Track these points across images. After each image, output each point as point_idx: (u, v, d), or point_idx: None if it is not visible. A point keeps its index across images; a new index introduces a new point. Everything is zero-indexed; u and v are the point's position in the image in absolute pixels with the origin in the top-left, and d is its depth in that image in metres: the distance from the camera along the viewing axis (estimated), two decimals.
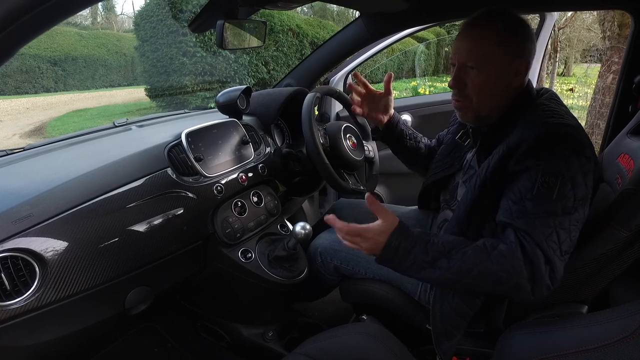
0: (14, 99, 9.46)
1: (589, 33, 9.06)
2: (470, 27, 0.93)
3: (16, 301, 0.80)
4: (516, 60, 0.91)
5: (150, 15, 7.37)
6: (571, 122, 0.85)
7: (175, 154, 1.12)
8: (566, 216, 0.80)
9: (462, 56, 0.93)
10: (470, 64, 0.92)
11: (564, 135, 0.82)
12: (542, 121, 0.86)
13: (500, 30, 0.90)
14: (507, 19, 0.92)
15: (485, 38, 0.91)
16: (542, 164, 0.81)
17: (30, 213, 0.85)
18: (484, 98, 0.94)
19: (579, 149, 0.81)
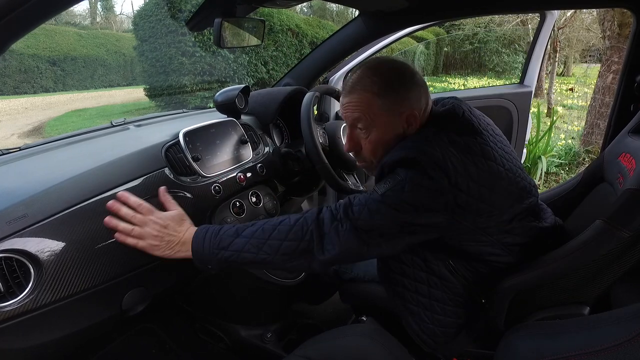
0: (12, 99, 9.47)
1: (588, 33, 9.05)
2: (349, 89, 0.93)
3: (10, 303, 0.79)
4: (403, 114, 0.90)
5: (149, 15, 7.37)
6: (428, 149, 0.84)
7: (172, 154, 1.11)
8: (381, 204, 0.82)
9: (349, 119, 0.94)
10: (359, 125, 0.93)
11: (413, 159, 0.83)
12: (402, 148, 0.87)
13: (379, 89, 0.90)
14: (382, 74, 0.91)
15: (365, 99, 0.91)
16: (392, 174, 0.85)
17: (25, 213, 0.83)
18: (382, 155, 0.93)
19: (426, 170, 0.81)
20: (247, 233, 0.87)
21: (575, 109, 7.36)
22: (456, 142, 0.87)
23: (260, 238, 0.86)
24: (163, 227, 0.90)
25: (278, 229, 0.86)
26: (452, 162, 0.83)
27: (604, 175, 1.14)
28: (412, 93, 0.91)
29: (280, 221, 0.87)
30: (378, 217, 0.82)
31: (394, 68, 0.92)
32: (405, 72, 0.92)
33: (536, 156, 3.65)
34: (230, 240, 0.87)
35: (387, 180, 0.84)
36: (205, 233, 0.89)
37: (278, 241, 0.85)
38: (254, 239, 0.86)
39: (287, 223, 0.87)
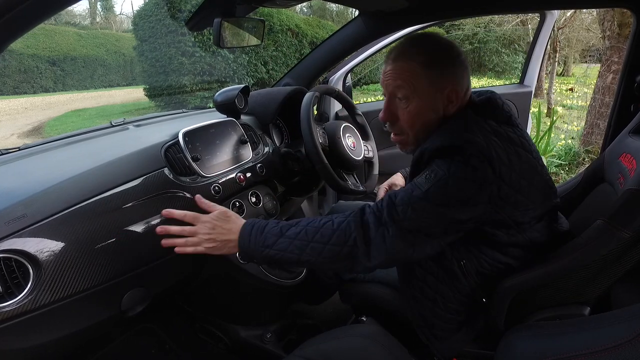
0: (12, 99, 9.47)
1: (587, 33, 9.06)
2: (396, 56, 0.91)
3: (9, 303, 0.78)
4: (445, 89, 0.89)
5: (149, 15, 7.38)
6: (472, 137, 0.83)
7: (172, 154, 1.11)
8: (427, 202, 0.80)
9: (390, 87, 0.92)
10: (399, 95, 0.91)
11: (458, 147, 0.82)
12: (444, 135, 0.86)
13: (426, 59, 0.88)
14: (432, 46, 0.90)
15: (411, 68, 0.88)
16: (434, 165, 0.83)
17: (24, 214, 0.83)
18: (417, 129, 0.92)
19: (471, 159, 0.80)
20: (290, 233, 0.87)
21: (575, 109, 7.36)
22: (498, 130, 0.87)
23: (303, 240, 0.85)
24: (212, 229, 0.91)
25: (321, 232, 0.85)
26: (496, 151, 0.82)
27: (604, 175, 1.14)
28: (456, 70, 0.90)
29: (323, 223, 0.86)
30: (424, 216, 0.80)
31: (441, 43, 0.91)
32: (452, 49, 0.90)
33: None
34: (275, 240, 0.87)
35: (428, 174, 0.82)
36: (251, 229, 0.89)
37: (321, 244, 0.84)
38: (298, 241, 0.85)
39: (330, 226, 0.85)
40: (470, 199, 0.80)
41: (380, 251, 0.82)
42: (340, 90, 1.48)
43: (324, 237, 0.84)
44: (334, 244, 0.83)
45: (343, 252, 0.83)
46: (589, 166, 1.24)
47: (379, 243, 0.81)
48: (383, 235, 0.81)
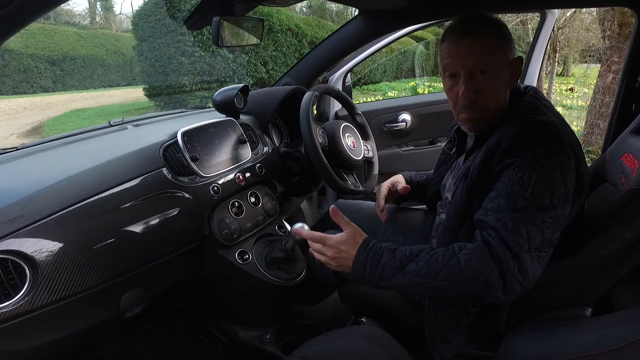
0: (11, 99, 9.45)
1: (587, 33, 9.06)
2: (466, 33, 0.90)
3: (5, 305, 0.78)
4: (511, 63, 0.91)
5: (148, 14, 7.37)
6: (549, 119, 0.84)
7: (170, 154, 1.10)
8: (539, 213, 0.78)
9: (469, 62, 0.89)
10: (481, 69, 0.89)
11: (540, 132, 0.82)
12: (521, 120, 0.86)
13: (497, 33, 0.90)
14: (496, 22, 0.91)
15: (488, 42, 0.89)
16: (518, 161, 0.80)
17: (20, 214, 0.82)
18: (498, 102, 0.92)
19: (557, 146, 0.80)
20: (411, 269, 0.82)
21: (575, 109, 7.36)
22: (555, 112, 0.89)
23: (426, 277, 0.81)
24: (338, 253, 0.89)
25: (446, 270, 0.80)
26: (572, 135, 0.83)
27: (606, 175, 1.13)
28: (514, 46, 0.92)
29: (447, 260, 0.80)
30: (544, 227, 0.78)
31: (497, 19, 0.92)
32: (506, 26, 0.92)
33: None
34: (393, 274, 0.83)
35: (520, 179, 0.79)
36: (366, 259, 0.86)
37: (447, 283, 0.79)
38: (419, 277, 0.81)
39: (456, 265, 0.79)
40: (569, 188, 0.81)
41: (520, 284, 0.78)
42: (340, 90, 1.47)
43: (450, 276, 0.79)
44: (462, 283, 0.79)
45: (472, 290, 0.79)
46: (591, 166, 1.23)
47: (517, 277, 0.77)
48: (519, 269, 0.77)
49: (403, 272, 0.82)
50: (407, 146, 2.11)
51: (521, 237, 0.78)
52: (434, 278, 0.80)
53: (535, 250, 0.78)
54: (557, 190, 0.79)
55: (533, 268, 0.78)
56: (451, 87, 0.94)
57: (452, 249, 0.82)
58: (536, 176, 0.78)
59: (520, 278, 0.77)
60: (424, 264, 0.82)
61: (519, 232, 0.78)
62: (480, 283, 0.78)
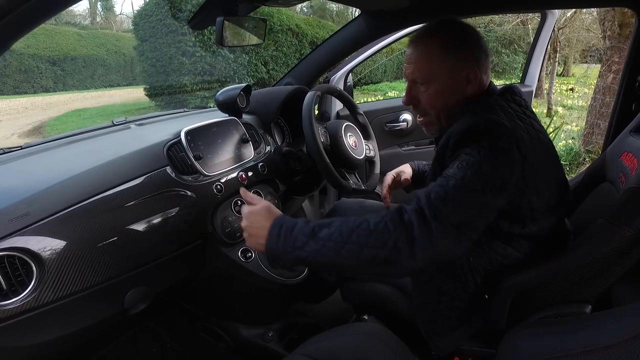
0: (12, 98, 9.46)
1: (588, 33, 9.06)
2: (414, 42, 0.94)
3: (13, 301, 0.79)
4: (463, 70, 0.91)
5: (149, 14, 7.38)
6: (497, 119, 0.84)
7: (174, 153, 1.11)
8: (466, 193, 0.78)
9: (409, 72, 0.94)
10: (418, 79, 0.94)
11: (485, 128, 0.83)
12: (469, 117, 0.87)
13: (443, 42, 0.90)
14: (449, 30, 0.92)
15: (427, 53, 0.91)
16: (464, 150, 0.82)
17: (27, 212, 0.83)
18: (439, 110, 0.95)
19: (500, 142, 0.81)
20: (323, 235, 0.80)
21: (576, 109, 7.36)
22: (520, 114, 0.90)
23: (337, 241, 0.79)
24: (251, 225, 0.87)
25: (357, 232, 0.79)
26: (520, 132, 0.83)
27: (605, 174, 1.14)
28: (474, 52, 0.92)
29: (358, 224, 0.80)
30: (465, 206, 0.78)
31: (459, 25, 0.93)
32: (472, 32, 0.93)
33: None
34: (305, 241, 0.81)
35: (460, 164, 0.80)
36: (279, 229, 0.83)
37: (357, 246, 0.78)
38: (331, 242, 0.79)
39: (367, 227, 0.79)
40: (504, 182, 0.81)
41: (426, 250, 0.77)
42: (342, 90, 1.48)
43: (360, 239, 0.78)
44: (372, 246, 0.78)
45: (382, 255, 0.78)
46: (590, 165, 1.24)
47: (424, 242, 0.76)
48: (428, 234, 0.76)
49: (315, 238, 0.80)
50: (408, 146, 2.12)
51: (438, 208, 0.77)
52: (345, 241, 0.78)
53: (451, 226, 0.77)
54: (490, 179, 0.79)
55: (445, 242, 0.77)
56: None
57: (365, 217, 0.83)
58: (474, 162, 0.79)
59: (427, 244, 0.76)
60: (336, 228, 0.80)
61: (438, 204, 0.78)
62: (389, 247, 0.77)
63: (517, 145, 0.82)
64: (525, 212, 0.89)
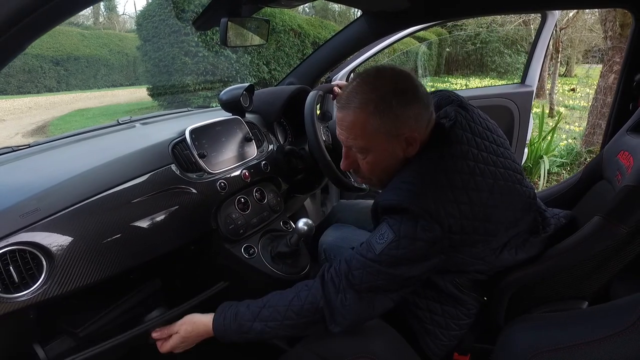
0: (16, 98, 9.50)
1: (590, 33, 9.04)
2: (344, 109, 0.86)
3: (24, 293, 0.81)
4: (401, 134, 0.85)
5: (152, 15, 7.41)
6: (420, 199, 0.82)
7: (179, 151, 1.13)
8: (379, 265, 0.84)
9: (344, 139, 0.89)
10: (354, 148, 0.90)
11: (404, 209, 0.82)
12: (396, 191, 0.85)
13: (374, 110, 0.83)
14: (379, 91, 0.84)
15: (360, 123, 0.85)
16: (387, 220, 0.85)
17: (37, 207, 0.86)
18: (380, 175, 0.93)
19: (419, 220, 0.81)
20: (263, 316, 0.91)
21: (577, 109, 7.36)
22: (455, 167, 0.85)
23: (276, 320, 0.90)
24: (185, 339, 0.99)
25: (290, 308, 0.90)
26: (444, 208, 0.81)
27: (603, 173, 1.15)
28: (412, 112, 0.84)
29: (290, 300, 0.91)
30: (379, 277, 0.84)
31: (394, 83, 0.85)
32: (406, 89, 0.85)
33: (538, 156, 3.66)
34: (250, 325, 0.91)
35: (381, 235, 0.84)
36: (224, 320, 0.94)
37: (293, 321, 0.89)
38: (272, 322, 0.90)
39: (298, 302, 0.90)
40: (421, 256, 0.84)
41: (343, 316, 0.87)
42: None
43: (294, 314, 0.89)
44: (305, 317, 0.89)
45: (315, 319, 0.89)
46: (588, 164, 1.25)
47: (340, 309, 0.86)
48: (342, 302, 0.86)
49: (258, 320, 0.91)
50: None
51: (354, 277, 0.85)
52: (283, 319, 0.90)
53: (365, 292, 0.86)
54: (405, 256, 0.82)
55: (359, 307, 0.86)
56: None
57: (296, 287, 0.93)
58: (392, 238, 0.82)
59: (343, 312, 0.86)
60: (273, 308, 0.91)
61: (355, 273, 0.85)
62: (320, 313, 0.88)
63: (440, 222, 0.81)
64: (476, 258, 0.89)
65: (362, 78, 0.87)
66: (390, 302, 0.88)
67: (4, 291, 0.79)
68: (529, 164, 3.66)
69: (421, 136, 0.88)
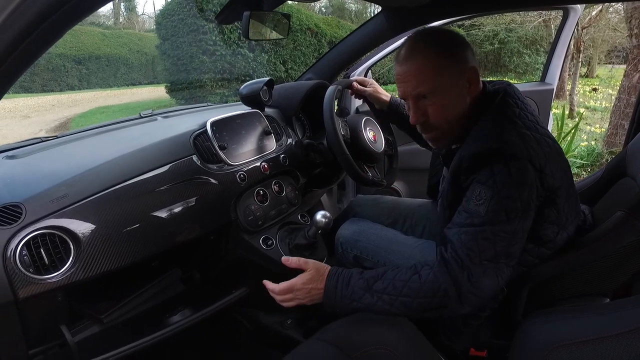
0: (41, 96, 9.78)
1: (614, 33, 8.82)
2: (407, 59, 0.91)
3: (54, 275, 0.84)
4: (464, 73, 0.91)
5: (171, 14, 7.53)
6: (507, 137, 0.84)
7: (200, 142, 1.16)
8: (492, 227, 0.82)
9: (410, 89, 0.92)
10: (423, 93, 0.91)
11: (496, 150, 0.83)
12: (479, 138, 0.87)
13: (438, 51, 0.89)
14: (436, 38, 0.92)
15: (427, 64, 0.89)
16: (477, 177, 0.84)
17: (66, 193, 0.89)
18: (450, 120, 0.93)
19: (512, 162, 0.81)
20: (377, 288, 0.88)
21: (599, 110, 7.19)
22: (525, 122, 0.89)
23: (391, 294, 0.87)
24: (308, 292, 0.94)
25: (409, 285, 0.86)
26: (532, 146, 0.84)
27: (626, 169, 1.13)
28: (467, 52, 0.92)
29: (410, 276, 0.87)
30: (497, 240, 0.82)
31: (443, 31, 0.94)
32: (457, 35, 0.93)
33: None
34: (362, 294, 0.88)
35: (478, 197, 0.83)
36: (337, 283, 0.91)
37: (410, 299, 0.86)
38: (386, 295, 0.87)
39: (417, 280, 0.86)
40: (526, 204, 0.83)
41: (473, 293, 0.83)
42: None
43: (412, 291, 0.85)
44: (424, 297, 0.85)
45: (433, 303, 0.85)
46: (611, 160, 1.24)
47: (468, 286, 0.83)
48: (469, 279, 0.83)
49: (371, 292, 0.88)
50: None
51: (472, 250, 0.83)
52: (398, 295, 0.86)
53: (487, 261, 0.83)
54: (512, 206, 0.81)
55: (486, 280, 0.83)
56: (408, 110, 0.96)
57: (414, 266, 0.89)
58: (492, 193, 0.81)
59: (471, 288, 0.83)
60: (389, 282, 0.88)
61: (470, 245, 0.83)
62: (440, 295, 0.84)
63: (530, 160, 0.82)
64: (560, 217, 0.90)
65: (415, 36, 0.93)
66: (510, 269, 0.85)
67: (36, 272, 0.82)
68: None
69: (478, 82, 0.93)
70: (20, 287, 0.80)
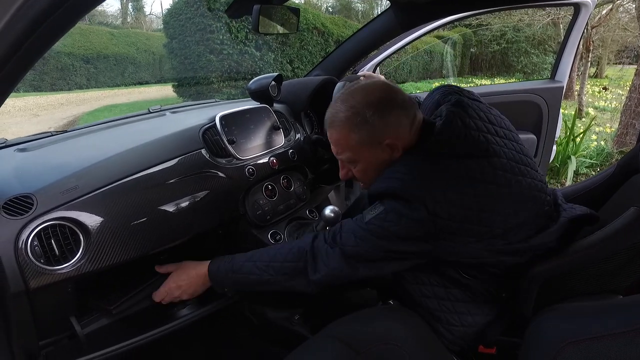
0: (50, 95, 9.86)
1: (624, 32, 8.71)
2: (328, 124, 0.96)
3: (64, 266, 0.84)
4: (382, 141, 0.90)
5: (179, 13, 7.56)
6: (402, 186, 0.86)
7: (209, 136, 1.16)
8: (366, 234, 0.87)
9: (335, 153, 0.98)
10: (344, 160, 0.98)
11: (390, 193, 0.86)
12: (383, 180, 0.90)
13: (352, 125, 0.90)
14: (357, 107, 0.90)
15: (343, 138, 0.93)
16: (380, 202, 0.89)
17: (76, 185, 0.89)
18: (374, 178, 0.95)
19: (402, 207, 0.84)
20: (255, 257, 0.99)
21: (608, 110, 7.12)
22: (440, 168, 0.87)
23: (264, 261, 0.97)
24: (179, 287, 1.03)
25: (279, 251, 0.97)
26: (430, 194, 0.83)
27: (638, 166, 1.12)
28: (389, 120, 0.89)
29: (282, 245, 0.99)
30: (363, 243, 0.88)
31: (365, 97, 0.91)
32: (379, 99, 0.90)
33: (566, 156, 3.57)
34: (241, 264, 0.99)
35: (373, 208, 0.89)
36: (222, 259, 1.02)
37: (279, 263, 0.95)
38: (260, 262, 0.97)
39: (288, 246, 0.97)
40: (405, 234, 0.85)
41: (323, 265, 0.91)
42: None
43: (281, 256, 0.96)
44: (290, 261, 0.94)
45: (297, 268, 0.94)
46: (623, 157, 1.22)
47: (323, 259, 0.91)
48: (327, 253, 0.91)
49: (249, 260, 0.98)
50: None
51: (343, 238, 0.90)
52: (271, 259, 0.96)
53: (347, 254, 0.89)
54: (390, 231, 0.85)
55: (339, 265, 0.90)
56: None
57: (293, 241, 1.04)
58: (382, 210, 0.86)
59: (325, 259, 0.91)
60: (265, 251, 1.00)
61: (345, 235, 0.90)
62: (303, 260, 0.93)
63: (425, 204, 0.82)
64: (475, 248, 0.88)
65: (339, 97, 0.95)
66: (371, 272, 0.92)
67: (47, 263, 0.83)
68: (556, 163, 3.56)
69: (405, 140, 0.92)
70: (32, 278, 0.81)
